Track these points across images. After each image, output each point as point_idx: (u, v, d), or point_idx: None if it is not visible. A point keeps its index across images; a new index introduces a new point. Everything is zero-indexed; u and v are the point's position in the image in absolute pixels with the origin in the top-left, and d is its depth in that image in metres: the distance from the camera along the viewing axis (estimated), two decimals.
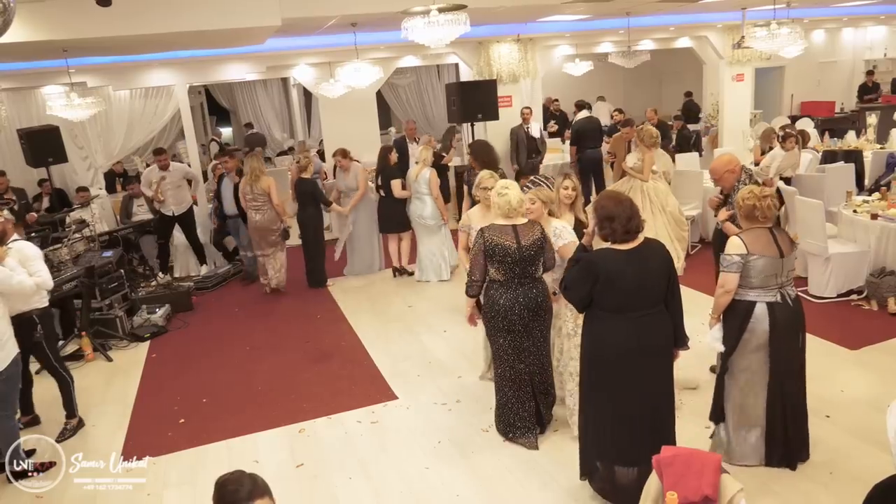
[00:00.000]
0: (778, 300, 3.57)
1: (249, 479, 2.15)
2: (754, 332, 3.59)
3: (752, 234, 3.59)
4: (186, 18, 6.20)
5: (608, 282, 3.25)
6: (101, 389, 5.67)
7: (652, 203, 7.26)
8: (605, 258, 3.30)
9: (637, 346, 3.28)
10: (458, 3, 5.80)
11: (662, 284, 3.33)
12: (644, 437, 3.34)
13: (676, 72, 15.68)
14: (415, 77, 15.92)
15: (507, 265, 3.94)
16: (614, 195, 3.44)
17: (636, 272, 3.25)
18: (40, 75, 8.98)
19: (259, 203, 7.51)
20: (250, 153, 9.47)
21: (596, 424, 3.48)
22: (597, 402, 3.45)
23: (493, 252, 3.93)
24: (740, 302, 3.62)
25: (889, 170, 8.17)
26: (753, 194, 3.61)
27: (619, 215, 3.25)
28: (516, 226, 3.97)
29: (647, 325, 3.29)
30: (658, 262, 3.33)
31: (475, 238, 4.09)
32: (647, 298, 3.29)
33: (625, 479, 3.43)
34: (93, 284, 6.46)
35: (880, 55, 15.31)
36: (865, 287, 6.04)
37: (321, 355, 5.96)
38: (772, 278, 3.56)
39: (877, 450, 3.74)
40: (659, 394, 3.41)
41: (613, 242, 3.31)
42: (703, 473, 2.68)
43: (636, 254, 3.29)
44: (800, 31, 7.67)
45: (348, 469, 4.15)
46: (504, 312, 3.98)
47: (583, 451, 3.64)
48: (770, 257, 3.52)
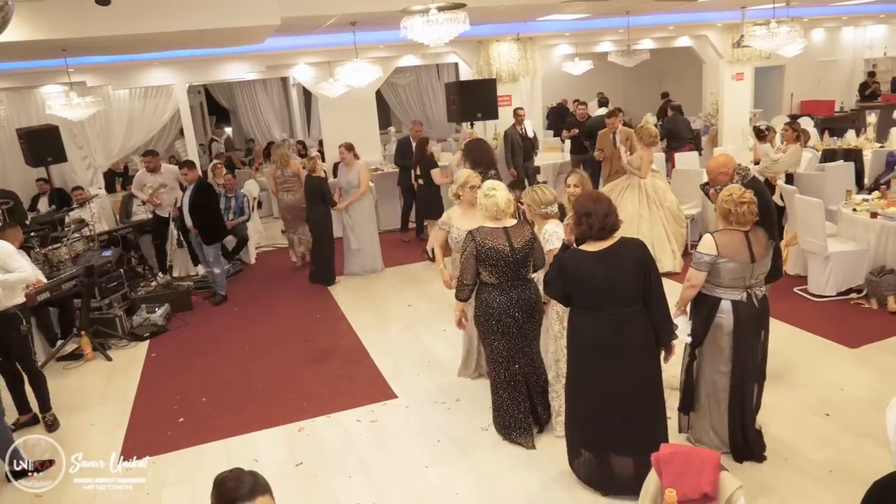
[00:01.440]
0: (743, 299, 3.66)
1: (250, 476, 2.11)
2: (720, 326, 3.70)
3: (726, 236, 3.63)
4: (186, 18, 6.20)
5: (578, 281, 3.36)
6: (100, 389, 5.66)
7: (649, 199, 7.27)
8: (574, 258, 3.41)
9: (611, 344, 3.36)
10: (458, 2, 5.80)
11: (638, 283, 3.36)
12: (629, 429, 3.43)
13: (676, 71, 15.68)
14: (414, 76, 15.93)
15: (500, 268, 3.91)
16: (595, 194, 3.56)
17: (607, 272, 3.32)
18: (39, 75, 8.99)
19: (290, 185, 8.39)
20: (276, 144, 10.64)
21: (581, 414, 3.59)
22: (580, 392, 3.56)
23: (486, 255, 3.90)
24: (708, 297, 3.72)
25: (889, 168, 8.17)
26: (731, 199, 3.61)
27: (596, 212, 3.33)
28: (507, 228, 3.96)
29: (621, 324, 3.35)
30: (633, 261, 3.36)
31: (465, 242, 3.99)
32: (621, 297, 3.34)
33: (611, 468, 3.54)
34: (92, 284, 6.45)
35: (880, 54, 15.30)
36: (865, 285, 6.04)
37: (321, 354, 5.96)
38: (740, 280, 3.64)
39: (876, 447, 3.75)
40: (642, 389, 3.45)
41: (589, 239, 3.38)
42: (703, 471, 2.68)
43: (609, 253, 3.36)
44: (799, 29, 7.66)
45: (348, 468, 4.15)
46: (499, 315, 3.97)
47: (569, 438, 3.74)
48: (740, 262, 3.58)
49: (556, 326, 4.12)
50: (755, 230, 3.67)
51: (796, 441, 3.99)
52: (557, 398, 4.17)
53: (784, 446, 3.94)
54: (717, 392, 3.79)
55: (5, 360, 4.80)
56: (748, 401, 3.77)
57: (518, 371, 4.10)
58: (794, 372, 4.82)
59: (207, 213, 7.52)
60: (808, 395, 4.49)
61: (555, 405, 4.22)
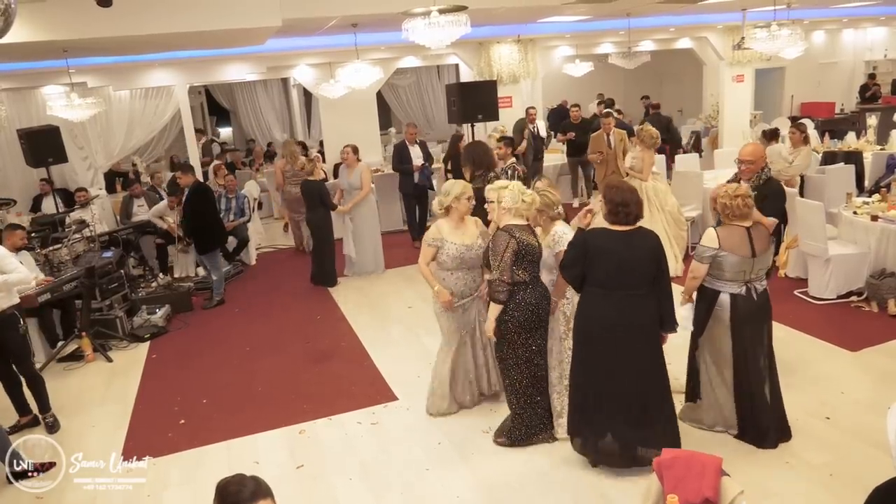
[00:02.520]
0: (742, 293, 3.83)
1: (252, 480, 2.12)
2: (719, 318, 3.88)
3: (728, 230, 3.79)
4: (187, 19, 6.20)
5: (598, 256, 3.56)
6: (101, 390, 5.66)
7: (650, 202, 7.27)
8: (596, 235, 3.64)
9: (621, 323, 3.57)
10: (459, 5, 5.80)
11: (651, 268, 3.58)
12: (631, 412, 3.63)
13: (676, 73, 15.69)
14: (415, 77, 15.93)
15: (533, 264, 3.95)
16: (627, 185, 3.75)
17: (625, 252, 3.55)
18: (40, 75, 8.99)
19: (298, 178, 8.56)
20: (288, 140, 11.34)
21: (585, 395, 3.75)
22: (585, 374, 3.73)
23: (525, 252, 3.87)
24: (708, 289, 3.90)
25: (889, 171, 8.16)
26: (727, 193, 3.80)
27: (633, 201, 3.59)
28: (530, 225, 4.03)
29: (632, 304, 3.57)
30: (649, 247, 3.60)
31: (502, 240, 3.85)
32: (634, 279, 3.56)
33: (609, 448, 3.72)
34: (93, 285, 6.45)
35: (880, 56, 15.32)
36: (865, 288, 6.04)
37: (321, 356, 5.96)
38: (741, 274, 3.80)
39: (877, 451, 3.74)
40: (646, 372, 3.66)
41: (616, 223, 3.59)
42: (704, 476, 2.68)
43: (629, 236, 3.59)
44: (800, 32, 7.66)
45: (348, 470, 4.15)
46: (536, 310, 3.97)
47: (571, 415, 3.91)
48: (741, 256, 3.75)
49: (561, 328, 4.14)
50: (757, 226, 3.82)
51: (797, 444, 3.99)
52: (559, 398, 4.17)
53: (785, 450, 3.94)
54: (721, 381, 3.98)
55: (3, 362, 4.80)
56: (755, 387, 3.90)
57: (544, 365, 4.15)
58: (794, 375, 4.81)
59: (202, 219, 7.39)
60: (808, 399, 4.49)
61: (556, 406, 4.21)
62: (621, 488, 3.71)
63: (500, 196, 3.98)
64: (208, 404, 5.22)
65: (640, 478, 3.63)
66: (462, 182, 4.55)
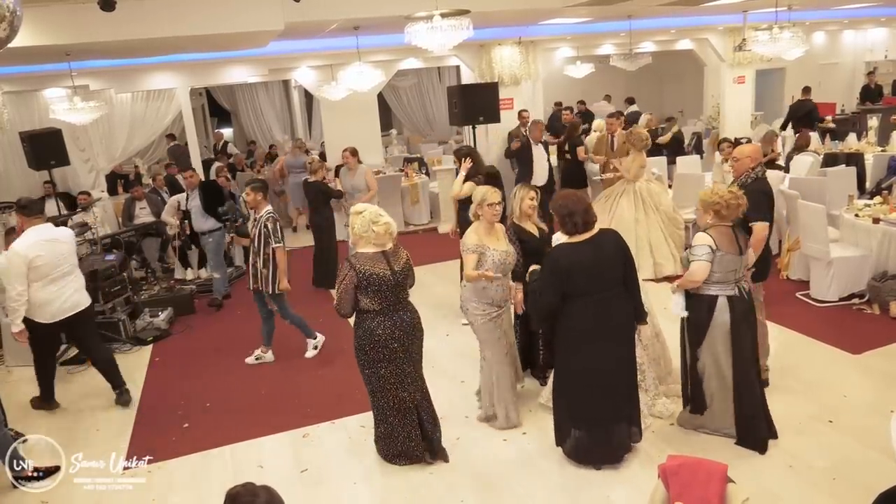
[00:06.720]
0: (736, 294, 3.89)
1: (264, 491, 2.08)
2: (717, 323, 3.90)
3: (717, 231, 3.86)
4: (190, 22, 6.21)
5: (572, 269, 3.63)
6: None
7: (644, 203, 7.28)
8: (563, 250, 3.74)
9: (598, 325, 3.68)
10: (461, 9, 5.81)
11: (619, 268, 3.73)
12: (614, 402, 3.81)
13: (677, 74, 15.70)
14: (416, 79, 15.94)
15: (382, 293, 3.84)
16: (569, 194, 3.84)
17: (595, 256, 3.65)
18: (43, 78, 9.01)
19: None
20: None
21: (569, 396, 3.87)
22: (568, 374, 3.86)
23: (368, 282, 3.79)
24: (704, 296, 3.91)
25: (890, 173, 8.15)
26: (718, 194, 3.87)
27: (577, 210, 3.66)
28: (386, 252, 3.89)
29: (607, 305, 3.70)
30: (613, 249, 3.72)
31: (344, 270, 3.82)
32: (606, 281, 3.69)
33: (599, 441, 3.85)
34: (95, 288, 6.45)
35: (881, 57, 15.33)
36: (867, 291, 6.05)
37: (324, 359, 5.96)
38: (731, 273, 3.86)
39: (880, 455, 3.76)
40: (624, 365, 3.83)
41: (573, 234, 3.70)
42: (710, 482, 2.69)
43: (591, 242, 3.69)
44: (801, 34, 7.66)
45: (352, 474, 4.16)
46: (385, 341, 3.88)
47: (557, 418, 4.00)
48: (732, 254, 3.82)
49: None
50: (735, 225, 3.91)
51: (800, 448, 3.99)
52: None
53: (788, 454, 3.95)
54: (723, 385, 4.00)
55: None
56: (753, 388, 3.95)
57: (408, 397, 4.03)
58: (796, 378, 4.83)
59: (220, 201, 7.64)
60: (810, 402, 4.50)
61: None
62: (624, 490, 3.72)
63: (352, 222, 3.93)
64: (212, 408, 5.23)
65: (641, 479, 3.65)
66: (481, 188, 4.47)
